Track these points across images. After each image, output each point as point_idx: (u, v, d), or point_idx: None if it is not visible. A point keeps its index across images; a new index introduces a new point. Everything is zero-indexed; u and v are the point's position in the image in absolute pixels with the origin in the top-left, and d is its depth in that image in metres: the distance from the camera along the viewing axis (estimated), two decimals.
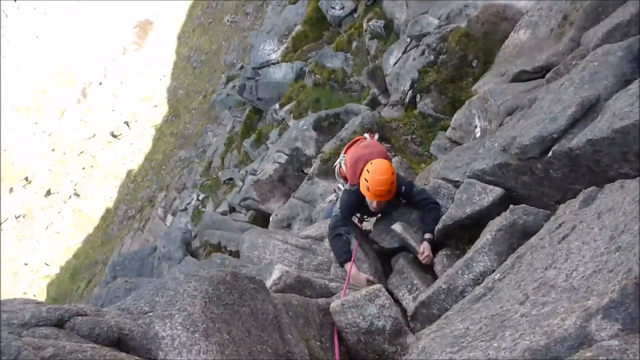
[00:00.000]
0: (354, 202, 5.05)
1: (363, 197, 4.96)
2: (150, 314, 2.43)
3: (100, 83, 42.57)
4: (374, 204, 4.95)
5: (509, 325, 1.92)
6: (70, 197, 37.74)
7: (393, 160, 7.13)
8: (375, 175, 4.71)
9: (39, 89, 42.92)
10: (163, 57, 39.84)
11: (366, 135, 5.93)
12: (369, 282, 4.48)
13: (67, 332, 2.21)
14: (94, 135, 39.68)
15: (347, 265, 4.65)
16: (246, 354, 2.49)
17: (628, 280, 1.60)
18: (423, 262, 4.57)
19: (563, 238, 2.34)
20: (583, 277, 1.91)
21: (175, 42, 40.03)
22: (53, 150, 40.65)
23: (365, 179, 4.77)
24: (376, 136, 6.09)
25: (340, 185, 5.94)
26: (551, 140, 3.62)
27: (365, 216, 5.56)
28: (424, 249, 4.58)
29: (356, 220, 5.54)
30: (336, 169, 5.92)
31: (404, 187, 4.96)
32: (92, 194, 36.60)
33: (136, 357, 2.11)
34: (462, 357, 1.86)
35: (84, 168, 38.54)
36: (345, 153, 5.73)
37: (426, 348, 2.13)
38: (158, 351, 2.25)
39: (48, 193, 38.94)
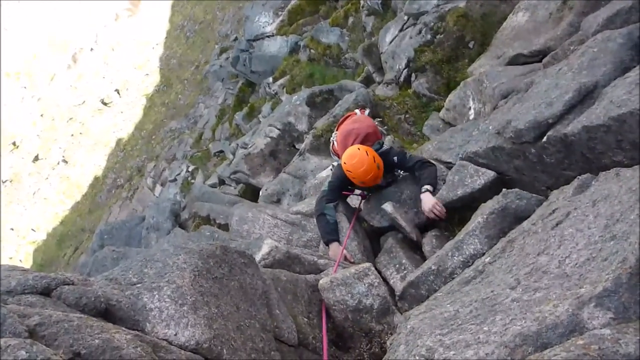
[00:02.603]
0: (345, 178, 5.04)
1: None
2: (139, 285, 2.42)
3: (92, 49, 41.89)
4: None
5: (500, 309, 1.92)
6: (58, 163, 37.42)
7: (386, 139, 7.08)
8: (355, 170, 4.69)
9: (29, 54, 42.14)
10: (156, 25, 39.21)
11: (357, 110, 5.89)
12: (345, 260, 4.47)
13: (53, 300, 2.19)
14: (84, 102, 39.18)
15: (332, 245, 4.67)
16: (234, 328, 2.49)
17: (622, 269, 1.59)
18: (431, 216, 4.43)
19: (557, 224, 2.34)
20: (576, 264, 1.91)
21: (169, 11, 39.37)
22: (42, 115, 40.13)
23: (348, 170, 4.75)
24: (367, 111, 6.05)
25: (335, 163, 5.92)
26: (546, 125, 3.61)
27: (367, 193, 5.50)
28: (429, 204, 4.41)
29: (358, 192, 5.49)
30: (330, 147, 5.89)
31: (396, 158, 4.93)
32: (81, 161, 36.30)
33: (123, 328, 2.09)
34: (452, 340, 1.86)
35: (72, 135, 38.12)
36: (337, 130, 5.71)
37: (415, 329, 2.13)
38: (146, 323, 2.24)
39: (36, 159, 38.56)
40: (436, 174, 4.71)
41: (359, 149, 4.75)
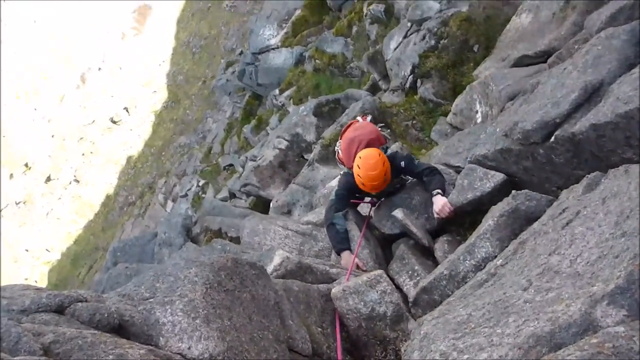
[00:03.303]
0: (352, 185, 5.03)
1: None
2: (151, 300, 2.43)
3: (99, 69, 42.38)
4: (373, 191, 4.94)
5: (513, 311, 1.90)
6: (70, 183, 37.77)
7: (393, 145, 7.08)
8: (366, 172, 4.65)
9: (38, 75, 42.70)
10: (162, 43, 39.62)
11: (359, 117, 5.88)
12: (358, 268, 4.47)
13: (67, 318, 2.20)
14: (94, 121, 39.59)
15: (344, 254, 4.66)
16: (247, 340, 2.49)
17: (634, 266, 1.58)
18: (443, 216, 4.45)
19: (567, 223, 2.32)
20: (588, 262, 1.89)
21: (175, 27, 39.79)
22: (53, 136, 40.58)
23: (358, 175, 4.72)
24: (369, 118, 6.04)
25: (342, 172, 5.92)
26: (554, 125, 3.59)
27: (377, 200, 5.49)
28: (441, 204, 4.43)
29: (368, 200, 5.47)
30: (337, 157, 5.89)
31: (403, 162, 4.90)
32: (92, 180, 36.62)
33: (137, 344, 2.10)
34: (465, 344, 1.85)
35: (83, 154, 38.50)
36: (341, 138, 5.69)
37: (428, 334, 2.12)
38: (159, 337, 2.24)
39: (48, 179, 38.95)
40: (444, 183, 4.71)
41: (379, 154, 4.71)
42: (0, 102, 40.38)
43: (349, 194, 5.13)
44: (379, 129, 5.58)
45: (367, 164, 4.64)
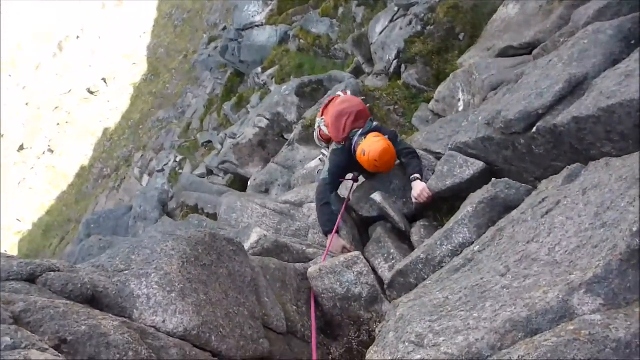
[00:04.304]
0: (344, 161, 5.01)
1: (352, 154, 4.93)
2: (126, 272, 2.39)
3: (78, 37, 41.41)
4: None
5: (490, 296, 1.92)
6: (44, 153, 37.07)
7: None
8: (382, 160, 4.68)
9: (14, 42, 41.52)
10: (143, 14, 38.81)
11: (339, 92, 5.82)
12: (345, 250, 4.49)
13: (39, 287, 2.16)
14: (70, 90, 38.77)
15: (330, 235, 4.65)
16: (223, 315, 2.47)
17: (613, 256, 1.60)
18: (422, 201, 4.49)
19: (547, 212, 2.35)
20: (566, 251, 1.91)
21: None
22: (27, 104, 39.66)
23: (375, 160, 4.69)
24: (349, 92, 6.01)
25: (324, 151, 5.86)
26: (536, 116, 3.61)
27: (359, 174, 5.48)
28: (419, 189, 4.48)
29: (350, 177, 5.47)
30: (315, 134, 5.78)
31: (387, 136, 4.92)
32: (67, 150, 35.99)
33: (110, 315, 2.07)
34: (442, 326, 1.86)
35: (58, 124, 37.75)
36: (322, 115, 5.61)
37: (404, 316, 2.13)
38: (133, 310, 2.22)
39: (21, 148, 38.15)
40: (422, 168, 4.77)
41: (388, 145, 4.72)
42: None
43: (342, 172, 5.13)
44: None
45: (382, 153, 4.67)
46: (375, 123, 5.21)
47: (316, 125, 5.72)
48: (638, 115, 2.81)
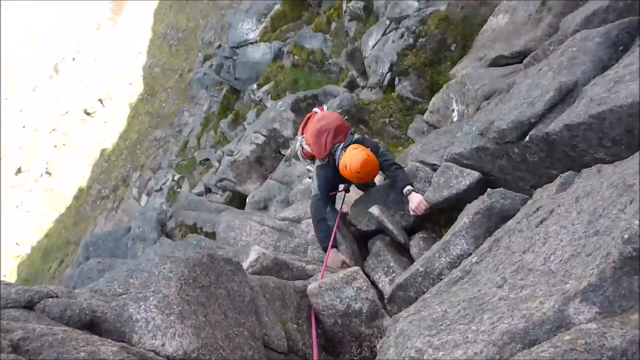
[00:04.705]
0: (331, 175, 5.04)
1: (337, 167, 4.96)
2: (124, 296, 2.39)
3: (74, 59, 41.61)
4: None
5: (488, 308, 1.92)
6: (41, 175, 37.07)
7: None
8: (365, 171, 4.70)
9: (10, 64, 41.71)
10: (138, 34, 39.05)
11: (315, 109, 5.85)
12: (344, 264, 4.49)
13: (37, 314, 2.15)
14: (67, 112, 38.88)
15: (330, 251, 4.65)
16: (222, 337, 2.47)
17: (606, 264, 1.61)
18: (419, 213, 4.51)
19: (541, 222, 2.36)
20: (561, 260, 1.92)
21: (152, 19, 39.26)
22: (24, 126, 39.73)
23: (358, 172, 4.70)
24: (325, 107, 6.04)
25: (309, 167, 5.89)
26: (529, 124, 3.64)
27: (350, 184, 5.49)
28: (416, 202, 4.49)
29: (341, 188, 5.50)
30: (298, 152, 5.75)
31: (369, 148, 4.94)
32: (65, 172, 35.99)
33: (109, 340, 2.06)
34: (441, 340, 1.86)
35: (56, 146, 37.80)
36: (302, 134, 5.61)
37: (404, 331, 2.13)
38: (132, 334, 2.21)
39: (19, 171, 38.15)
40: (409, 177, 4.81)
41: (368, 155, 4.73)
42: None
43: (331, 186, 5.16)
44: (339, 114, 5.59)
45: (363, 164, 4.67)
46: (356, 135, 5.25)
47: (297, 143, 5.70)
48: (629, 120, 2.84)
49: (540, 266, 1.99)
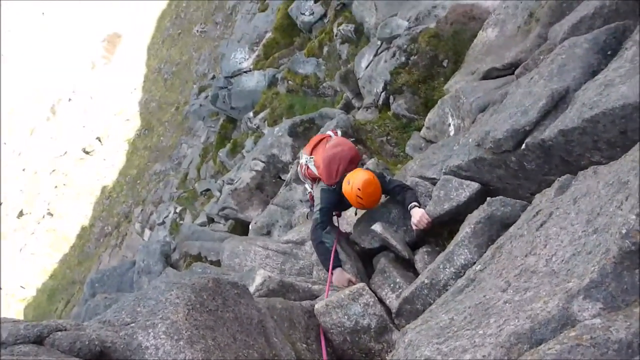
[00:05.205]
0: (334, 201, 5.05)
1: (342, 194, 4.97)
2: (133, 324, 2.40)
3: (70, 99, 41.99)
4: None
5: (493, 312, 1.94)
6: (43, 217, 37.06)
7: (369, 162, 7.14)
8: (367, 197, 4.73)
9: (6, 108, 42.09)
10: (133, 71, 39.47)
11: (330, 132, 5.86)
12: (350, 283, 4.48)
13: (47, 348, 2.16)
14: (66, 152, 39.07)
15: (335, 271, 4.64)
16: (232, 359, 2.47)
17: (606, 260, 1.63)
18: (422, 228, 4.50)
19: (541, 225, 2.38)
20: (563, 260, 1.94)
21: (145, 55, 39.70)
22: (24, 170, 39.90)
23: (360, 197, 4.74)
24: (339, 132, 6.04)
25: (307, 187, 5.88)
26: (524, 132, 3.68)
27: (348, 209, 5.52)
28: (418, 216, 4.50)
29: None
30: (301, 171, 5.73)
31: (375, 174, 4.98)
32: (67, 212, 35.99)
33: None
34: (449, 347, 1.87)
35: (56, 186, 37.89)
36: (311, 154, 5.58)
37: (412, 341, 2.13)
38: None
39: (20, 214, 38.18)
40: (417, 196, 4.82)
41: (372, 177, 4.76)
42: None
43: (333, 209, 5.17)
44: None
45: (368, 192, 4.72)
46: (365, 166, 5.29)
47: (302, 161, 5.67)
48: (622, 122, 2.88)
49: (543, 267, 2.01)
